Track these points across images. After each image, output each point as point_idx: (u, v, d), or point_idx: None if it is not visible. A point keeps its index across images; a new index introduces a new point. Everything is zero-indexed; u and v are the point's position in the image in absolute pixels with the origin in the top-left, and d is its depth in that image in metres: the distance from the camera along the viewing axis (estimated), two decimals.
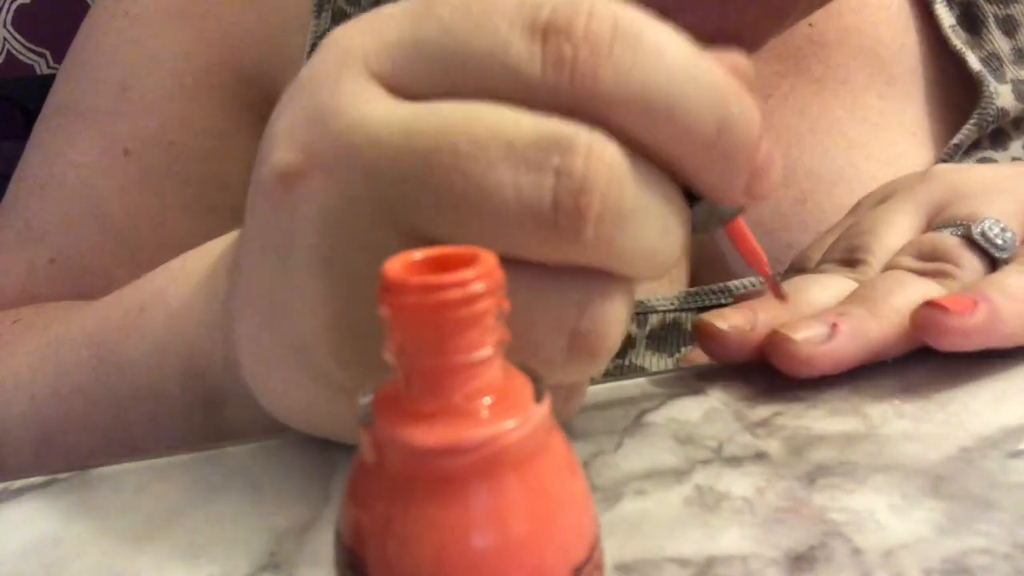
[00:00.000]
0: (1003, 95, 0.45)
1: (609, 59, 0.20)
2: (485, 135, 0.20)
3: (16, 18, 1.14)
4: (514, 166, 0.20)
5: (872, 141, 0.45)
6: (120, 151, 0.48)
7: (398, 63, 0.21)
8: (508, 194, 0.19)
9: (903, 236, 0.32)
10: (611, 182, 0.20)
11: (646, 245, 0.21)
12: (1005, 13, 0.47)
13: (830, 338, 0.28)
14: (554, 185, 0.19)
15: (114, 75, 0.49)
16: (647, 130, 0.20)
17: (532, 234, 0.20)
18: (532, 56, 0.20)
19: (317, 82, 0.22)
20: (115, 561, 0.23)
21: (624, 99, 0.20)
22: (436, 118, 0.20)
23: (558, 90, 0.20)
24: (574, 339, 0.21)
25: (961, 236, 0.31)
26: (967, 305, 0.27)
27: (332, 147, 0.21)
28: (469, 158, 0.20)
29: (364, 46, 0.21)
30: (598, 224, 0.20)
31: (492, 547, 0.16)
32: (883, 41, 0.47)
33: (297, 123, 0.22)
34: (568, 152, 0.20)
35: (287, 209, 0.22)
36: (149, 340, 0.32)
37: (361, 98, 0.21)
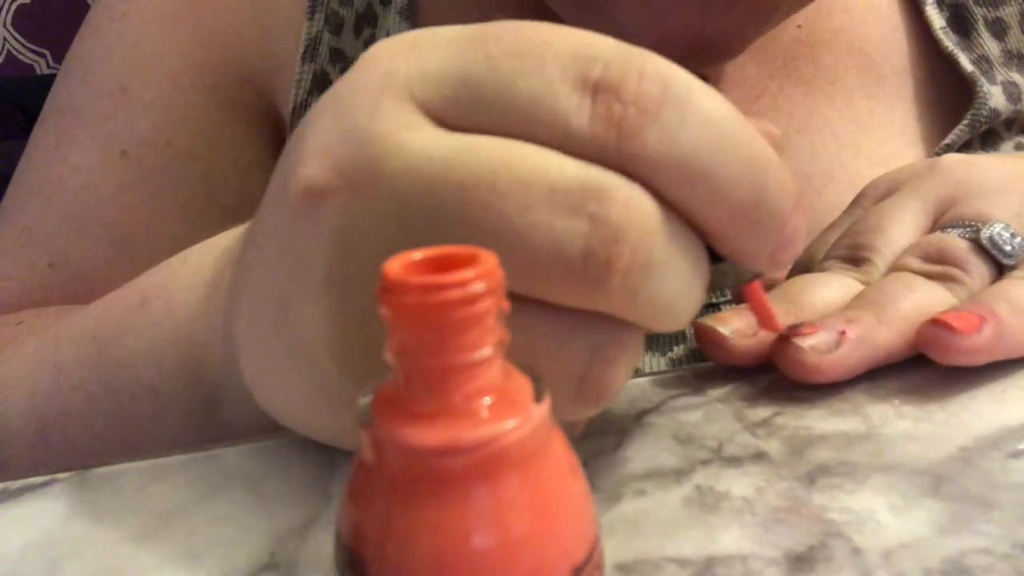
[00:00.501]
0: (995, 96, 0.45)
1: (656, 121, 0.20)
2: (528, 175, 0.20)
3: (16, 18, 1.14)
4: (551, 209, 0.20)
5: (862, 141, 0.45)
6: (118, 153, 0.48)
7: (442, 94, 0.21)
8: (541, 236, 0.20)
9: (909, 234, 0.32)
10: (644, 235, 0.20)
11: (667, 300, 0.21)
12: (994, 16, 0.47)
13: (837, 346, 0.27)
14: (587, 232, 0.20)
15: (112, 77, 0.49)
16: (686, 193, 0.21)
17: (559, 278, 0.20)
18: (580, 109, 0.20)
19: (355, 101, 0.21)
20: (115, 561, 0.23)
21: (667, 162, 0.20)
22: (477, 153, 0.20)
23: (602, 145, 0.20)
24: (583, 384, 0.21)
25: (969, 240, 0.30)
26: (973, 323, 0.27)
27: (366, 169, 0.21)
28: (507, 196, 0.20)
29: (408, 71, 0.21)
30: (625, 275, 0.20)
31: (492, 547, 0.16)
32: (872, 41, 0.47)
33: (331, 140, 0.21)
34: (606, 200, 0.20)
35: (310, 224, 0.21)
36: (149, 336, 0.32)
37: (401, 123, 0.21)
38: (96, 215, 0.48)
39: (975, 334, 0.27)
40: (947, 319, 0.27)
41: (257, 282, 0.24)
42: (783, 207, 0.22)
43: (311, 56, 0.47)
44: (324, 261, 0.21)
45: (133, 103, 0.49)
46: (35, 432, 0.36)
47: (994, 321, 0.27)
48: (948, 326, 0.27)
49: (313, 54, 0.48)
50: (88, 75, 0.50)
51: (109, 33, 0.50)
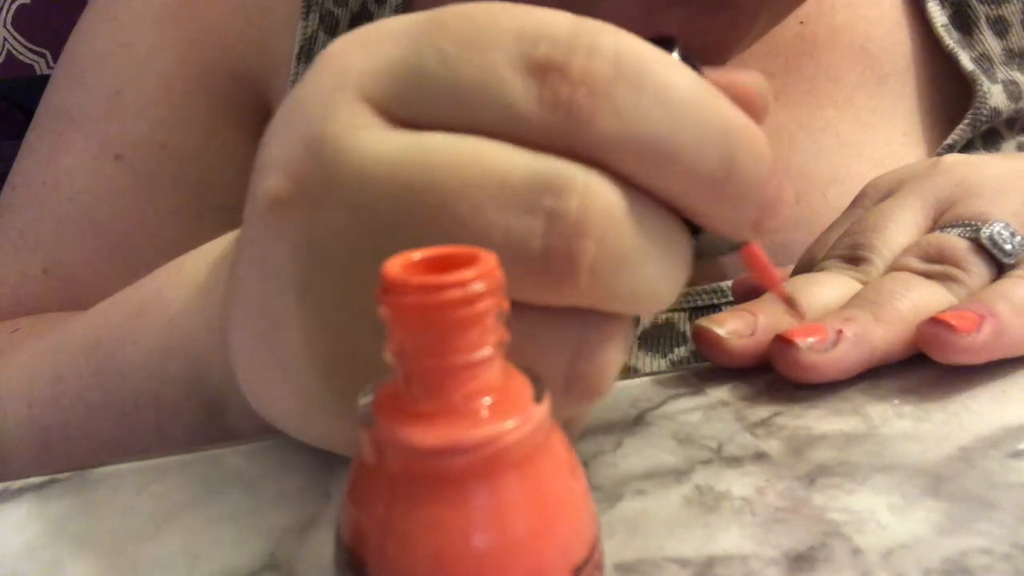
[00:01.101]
0: (995, 95, 0.45)
1: (608, 101, 0.19)
2: (475, 174, 0.19)
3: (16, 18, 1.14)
4: (504, 208, 0.19)
5: (864, 141, 0.45)
6: (112, 156, 0.48)
7: (392, 90, 0.20)
8: (496, 237, 0.19)
9: (908, 234, 0.32)
10: (607, 226, 0.19)
11: (646, 287, 0.20)
12: (997, 13, 0.47)
13: (834, 345, 0.27)
14: (544, 228, 0.19)
15: (105, 80, 0.49)
16: (648, 173, 0.20)
17: (523, 279, 0.19)
18: (528, 95, 0.19)
19: (311, 103, 0.21)
20: (115, 561, 0.23)
21: (624, 143, 0.19)
22: (426, 154, 0.19)
23: (554, 130, 0.19)
24: (570, 381, 0.20)
25: (969, 239, 0.30)
26: (973, 322, 0.27)
27: (321, 178, 0.20)
28: (458, 198, 0.19)
29: (359, 67, 0.21)
30: (593, 271, 0.19)
31: (492, 547, 0.16)
32: (874, 39, 0.47)
33: (290, 148, 0.21)
34: (562, 193, 0.19)
35: (277, 235, 0.21)
36: (148, 345, 0.32)
37: (352, 124, 0.20)
38: (91, 219, 0.48)
39: (974, 333, 0.27)
40: (946, 318, 0.27)
41: (243, 293, 0.24)
42: (757, 174, 0.20)
43: (306, 56, 0.47)
44: (294, 271, 0.21)
45: (127, 106, 0.48)
46: (37, 442, 0.36)
47: (993, 320, 0.27)
48: (947, 325, 0.27)
49: (308, 54, 0.47)
50: (81, 78, 0.50)
51: (102, 35, 0.50)
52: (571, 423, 0.24)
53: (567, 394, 0.20)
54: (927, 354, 0.28)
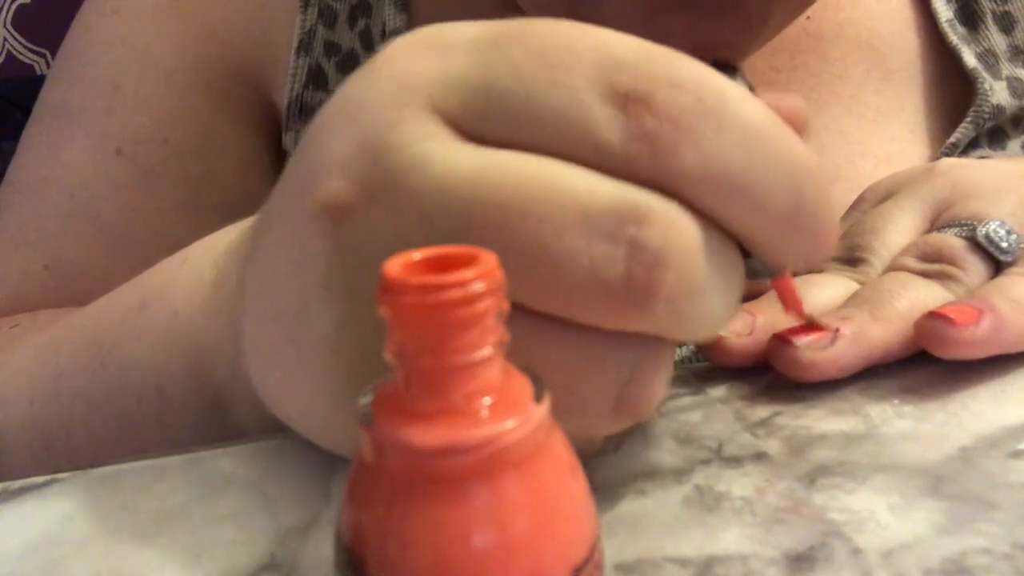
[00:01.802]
0: (998, 92, 0.45)
1: (691, 135, 0.19)
2: (560, 198, 0.19)
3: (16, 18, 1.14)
4: (587, 233, 0.19)
5: (869, 138, 0.45)
6: (112, 151, 0.48)
7: (464, 104, 0.20)
8: (580, 262, 0.19)
9: (906, 235, 0.32)
10: (686, 258, 0.19)
11: (711, 316, 0.20)
12: (1003, 9, 0.47)
13: (832, 343, 0.27)
14: (627, 257, 0.19)
15: (105, 74, 0.49)
16: (724, 207, 0.20)
17: (599, 304, 0.19)
18: (611, 124, 0.19)
19: (372, 109, 0.21)
20: (115, 561, 0.23)
21: (704, 178, 0.20)
22: (507, 173, 0.19)
23: (636, 162, 0.19)
24: (620, 403, 0.21)
25: (965, 238, 0.30)
26: (972, 316, 0.27)
27: (387, 183, 0.20)
28: (541, 220, 0.19)
29: (426, 77, 0.20)
30: (670, 301, 0.19)
31: (492, 547, 0.16)
32: (880, 35, 0.47)
33: (349, 152, 0.21)
34: (644, 223, 0.19)
35: (327, 237, 0.21)
36: (152, 340, 0.32)
37: (423, 134, 0.20)
38: (91, 214, 0.48)
39: (973, 327, 0.27)
40: (945, 311, 0.27)
41: (270, 292, 0.23)
42: (822, 212, 0.21)
43: (305, 49, 0.47)
44: (344, 274, 0.21)
45: (127, 100, 0.48)
46: (38, 440, 0.36)
47: (992, 314, 0.27)
48: (946, 319, 0.27)
49: (307, 47, 0.47)
50: (81, 73, 0.50)
51: (101, 30, 0.50)
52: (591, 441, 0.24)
53: (615, 414, 0.21)
54: (926, 349, 0.28)
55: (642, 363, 0.20)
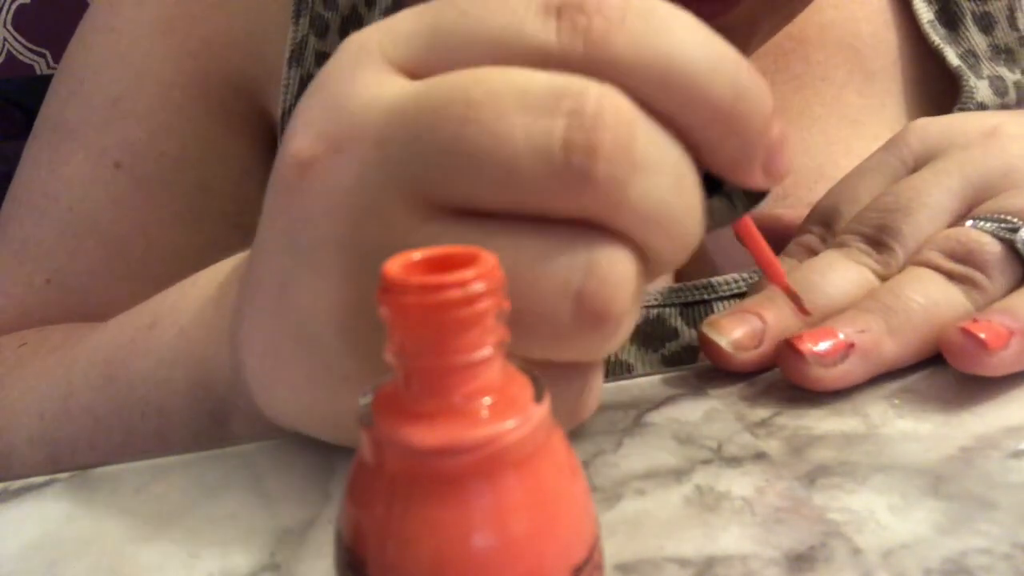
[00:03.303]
0: (981, 90, 0.45)
1: (623, 25, 0.20)
2: (498, 85, 0.20)
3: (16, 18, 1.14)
4: (525, 112, 0.20)
5: (852, 138, 0.45)
6: (111, 164, 0.48)
7: (415, 48, 0.22)
8: (520, 137, 0.20)
9: (939, 220, 0.30)
10: (623, 121, 0.20)
11: (657, 199, 0.20)
12: (982, 10, 0.47)
13: (843, 359, 0.27)
14: (565, 126, 0.20)
15: (103, 89, 0.49)
16: (663, 97, 0.21)
17: (543, 178, 0.20)
18: (547, 28, 0.21)
19: (333, 77, 0.22)
20: (115, 561, 0.23)
21: (637, 63, 0.20)
22: (448, 77, 0.21)
23: (571, 55, 0.20)
24: (580, 300, 0.20)
25: (1002, 239, 0.29)
26: (1002, 338, 0.26)
27: (346, 127, 0.21)
28: (481, 107, 0.20)
29: (380, 39, 0.22)
30: (610, 162, 0.20)
31: (492, 547, 0.16)
32: (862, 36, 0.47)
33: (313, 113, 0.22)
34: (579, 96, 0.20)
35: (301, 194, 0.22)
36: (158, 356, 0.32)
37: (375, 82, 0.21)
38: (92, 228, 0.48)
39: (1002, 350, 0.26)
40: (976, 331, 0.26)
41: (261, 271, 0.24)
42: (763, 104, 0.21)
43: (297, 61, 0.48)
44: (318, 229, 0.22)
45: (125, 114, 0.49)
46: (45, 455, 0.36)
47: (1022, 336, 0.26)
48: (977, 340, 0.26)
49: (299, 58, 0.48)
50: (79, 88, 0.50)
51: (99, 46, 0.50)
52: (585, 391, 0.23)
53: (577, 318, 0.20)
54: (948, 360, 0.27)
55: (598, 258, 0.20)
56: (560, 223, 0.20)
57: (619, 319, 0.21)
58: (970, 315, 0.28)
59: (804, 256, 0.32)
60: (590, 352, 0.21)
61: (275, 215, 0.23)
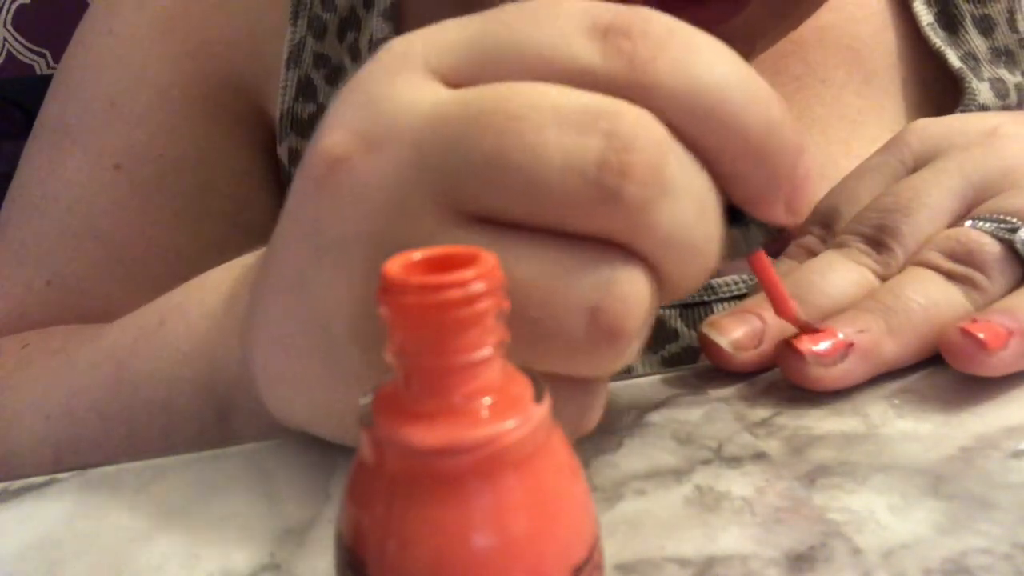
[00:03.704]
0: (982, 92, 0.45)
1: (666, 52, 0.21)
2: (536, 99, 0.20)
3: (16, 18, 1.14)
4: (564, 127, 0.20)
5: (851, 138, 0.45)
6: (111, 166, 0.48)
7: (457, 58, 0.22)
8: (554, 154, 0.20)
9: (939, 220, 0.30)
10: (657, 147, 0.20)
11: (684, 226, 0.21)
12: (982, 13, 0.47)
13: (843, 358, 0.27)
14: (601, 146, 0.20)
15: (102, 91, 0.49)
16: (697, 125, 0.21)
17: (574, 195, 0.20)
18: (592, 50, 0.21)
19: (371, 79, 0.22)
20: (115, 561, 0.23)
21: (678, 91, 0.21)
22: (488, 88, 0.21)
23: (614, 77, 0.21)
24: (595, 316, 0.21)
25: (1002, 240, 0.29)
26: (1002, 338, 0.26)
27: (383, 128, 0.21)
28: (519, 120, 0.20)
29: (422, 47, 0.22)
30: (641, 185, 0.20)
31: (492, 547, 0.16)
32: (861, 38, 0.47)
33: (347, 112, 0.22)
34: (616, 118, 0.20)
35: (331, 190, 0.22)
36: (165, 356, 0.32)
37: (415, 87, 0.21)
38: (92, 230, 0.48)
39: (1002, 350, 0.26)
40: (975, 331, 0.26)
41: (277, 263, 0.24)
42: (793, 140, 0.22)
43: (295, 62, 0.48)
44: (344, 225, 0.22)
45: (124, 116, 0.49)
46: (49, 455, 0.36)
47: (1021, 337, 0.26)
48: (977, 340, 0.26)
49: (297, 60, 0.48)
50: (78, 91, 0.50)
51: (97, 48, 0.50)
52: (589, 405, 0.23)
53: (591, 333, 0.21)
54: (947, 361, 0.27)
55: (616, 277, 0.21)
56: (582, 239, 0.21)
57: (631, 338, 0.21)
58: (970, 315, 0.27)
59: (804, 257, 0.32)
60: (600, 368, 0.22)
61: (300, 209, 0.23)
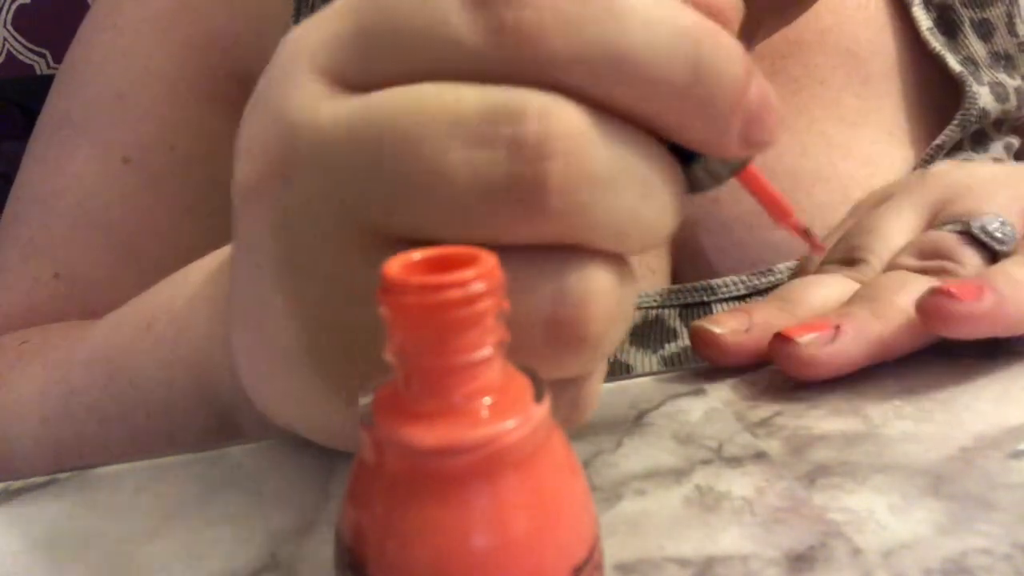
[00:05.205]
0: (983, 96, 0.45)
1: (556, 16, 0.18)
2: (430, 115, 0.18)
3: (16, 18, 1.14)
4: (464, 143, 0.18)
5: (850, 140, 0.45)
6: (119, 160, 0.48)
7: (342, 56, 0.20)
8: (462, 173, 0.18)
9: (904, 235, 0.32)
10: (572, 144, 0.18)
11: (625, 212, 0.19)
12: (981, 17, 0.48)
13: (833, 340, 0.27)
14: (507, 158, 0.18)
15: (108, 86, 0.49)
16: (609, 89, 0.19)
17: (493, 213, 0.18)
18: (472, 26, 0.19)
19: (269, 87, 0.22)
20: (115, 561, 0.23)
21: (577, 57, 0.18)
22: (380, 107, 0.19)
23: (504, 57, 0.19)
24: (552, 328, 0.19)
25: (961, 232, 0.31)
26: (973, 291, 0.27)
27: (285, 155, 0.20)
28: (416, 141, 0.18)
29: (309, 45, 0.21)
30: (563, 191, 0.18)
31: (492, 547, 0.16)
32: (860, 41, 0.48)
33: (254, 135, 0.22)
34: (517, 118, 0.18)
35: (250, 220, 0.22)
36: (159, 357, 0.32)
37: (307, 98, 0.20)
38: (100, 223, 0.48)
39: (975, 301, 0.27)
40: (947, 287, 0.27)
41: (238, 290, 0.24)
42: (731, 75, 0.19)
43: None
44: (269, 255, 0.21)
45: (132, 109, 0.48)
46: (50, 455, 0.36)
47: (993, 291, 0.27)
48: (948, 293, 0.27)
49: None
50: (84, 85, 0.50)
51: (102, 44, 0.50)
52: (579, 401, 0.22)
53: (550, 343, 0.19)
54: (928, 328, 0.27)
55: (567, 281, 0.19)
56: (523, 248, 0.19)
57: (599, 336, 0.20)
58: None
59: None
60: (574, 370, 0.21)
61: (236, 237, 0.23)
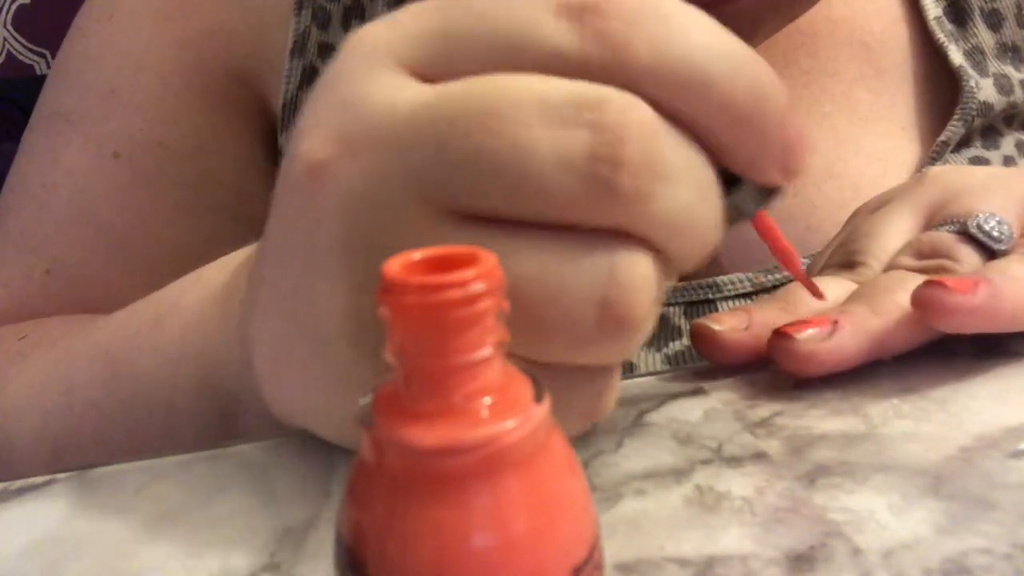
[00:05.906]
0: (985, 89, 0.45)
1: (643, 30, 0.20)
2: (518, 94, 0.20)
3: (16, 18, 1.14)
4: (548, 123, 0.20)
5: (861, 136, 0.45)
6: (110, 155, 0.48)
7: (427, 51, 0.21)
8: (543, 150, 0.19)
9: (902, 237, 0.32)
10: (647, 133, 0.20)
11: (682, 209, 0.20)
12: (991, 7, 0.47)
13: (831, 335, 0.27)
14: (590, 138, 0.20)
15: (101, 80, 0.49)
16: (683, 101, 0.21)
17: (568, 191, 0.20)
18: (565, 32, 0.20)
19: (343, 78, 0.22)
20: (115, 561, 0.23)
21: (660, 69, 0.20)
22: (468, 87, 0.20)
23: (592, 62, 0.20)
24: (604, 308, 0.20)
25: (958, 232, 0.31)
26: (968, 285, 0.27)
27: (361, 131, 0.21)
28: (502, 117, 0.20)
29: (390, 40, 0.22)
30: (635, 175, 0.20)
31: (492, 547, 0.16)
32: (872, 33, 0.47)
33: (324, 115, 0.22)
34: (601, 107, 0.20)
35: (315, 197, 0.22)
36: (163, 352, 0.32)
37: (390, 85, 0.21)
38: (91, 218, 0.48)
39: (970, 294, 0.27)
40: (942, 279, 0.27)
41: (272, 274, 0.24)
42: (781, 103, 0.22)
43: (300, 52, 0.47)
44: (332, 232, 0.21)
45: (124, 104, 0.48)
46: (48, 450, 0.36)
47: (989, 285, 0.27)
48: (943, 286, 0.27)
49: (302, 50, 0.47)
50: (77, 79, 0.50)
51: (96, 37, 0.50)
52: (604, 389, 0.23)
53: (601, 324, 0.20)
54: (924, 320, 0.27)
55: (620, 265, 0.20)
56: (581, 230, 0.20)
57: (641, 323, 0.21)
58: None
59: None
60: (611, 355, 0.21)
61: (287, 216, 0.23)
